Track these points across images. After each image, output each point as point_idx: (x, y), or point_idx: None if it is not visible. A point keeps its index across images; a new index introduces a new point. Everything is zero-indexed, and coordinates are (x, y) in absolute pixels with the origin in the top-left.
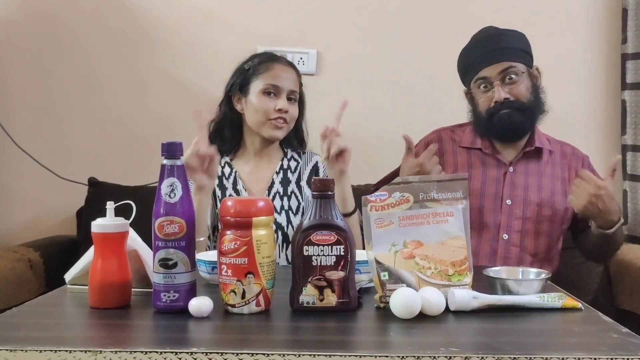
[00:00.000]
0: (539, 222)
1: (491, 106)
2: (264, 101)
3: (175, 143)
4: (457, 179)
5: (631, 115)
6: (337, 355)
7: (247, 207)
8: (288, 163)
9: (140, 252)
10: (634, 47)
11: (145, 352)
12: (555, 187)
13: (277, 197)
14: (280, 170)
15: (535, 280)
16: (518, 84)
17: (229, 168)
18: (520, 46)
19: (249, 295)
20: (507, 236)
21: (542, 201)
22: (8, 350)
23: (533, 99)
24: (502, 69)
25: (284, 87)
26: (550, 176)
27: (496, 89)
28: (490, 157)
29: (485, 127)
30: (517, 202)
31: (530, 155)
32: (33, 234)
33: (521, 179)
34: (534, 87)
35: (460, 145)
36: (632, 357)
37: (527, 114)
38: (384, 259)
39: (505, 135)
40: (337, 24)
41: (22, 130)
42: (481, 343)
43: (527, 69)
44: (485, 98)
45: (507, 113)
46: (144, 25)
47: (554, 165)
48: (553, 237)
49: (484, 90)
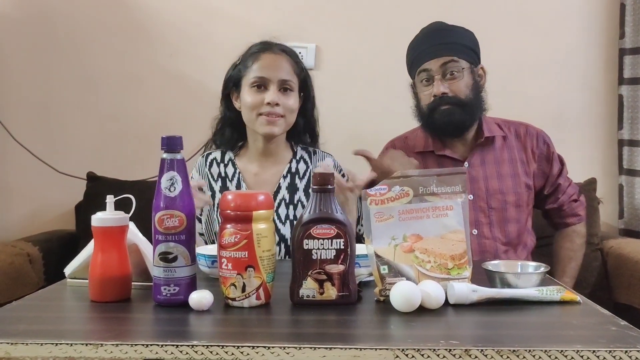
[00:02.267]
0: (505, 210)
1: (431, 100)
2: (253, 95)
3: (175, 137)
4: (456, 172)
5: (628, 110)
6: (337, 348)
7: (247, 201)
8: (297, 166)
9: (141, 246)
10: (631, 42)
11: (146, 345)
12: (515, 170)
13: (282, 205)
14: (288, 174)
15: (534, 274)
16: (458, 79)
17: (232, 167)
18: (465, 43)
19: (249, 288)
20: (476, 231)
21: (504, 188)
22: (9, 343)
23: (472, 96)
24: (443, 62)
25: (272, 78)
26: (508, 161)
27: (436, 82)
28: (444, 158)
29: (427, 122)
30: (479, 195)
31: (483, 145)
32: (32, 228)
33: (479, 172)
34: (475, 85)
35: (414, 150)
36: (631, 350)
37: (466, 110)
38: (383, 252)
39: (446, 131)
40: (336, 18)
41: (21, 125)
42: (481, 336)
43: (470, 66)
44: (427, 93)
45: (447, 110)
46: (142, 20)
47: (510, 149)
48: (521, 221)
49: (425, 84)
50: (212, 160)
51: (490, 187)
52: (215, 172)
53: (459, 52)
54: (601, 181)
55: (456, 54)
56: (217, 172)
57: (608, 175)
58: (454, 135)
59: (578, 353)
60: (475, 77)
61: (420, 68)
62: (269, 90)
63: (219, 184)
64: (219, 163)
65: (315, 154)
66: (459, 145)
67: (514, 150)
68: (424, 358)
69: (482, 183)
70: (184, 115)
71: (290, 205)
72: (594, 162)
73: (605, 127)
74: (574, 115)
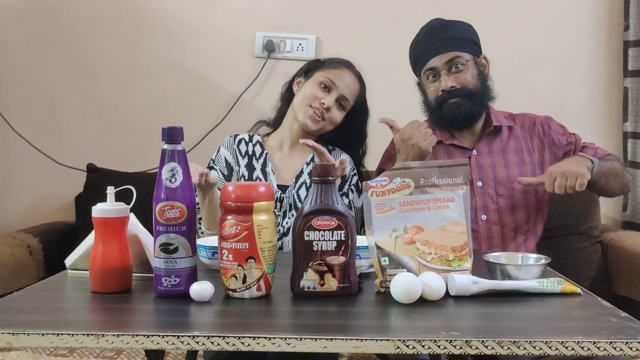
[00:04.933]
0: (513, 197)
1: (439, 95)
2: (315, 89)
3: (176, 128)
4: (457, 164)
5: (633, 103)
6: (338, 339)
7: (248, 192)
8: None
9: (141, 237)
10: (636, 35)
11: (147, 335)
12: (521, 159)
13: (302, 188)
14: (312, 162)
15: (534, 266)
16: (464, 72)
17: (260, 148)
18: (466, 36)
19: (249, 280)
20: (485, 217)
21: (511, 176)
22: (10, 333)
23: (480, 85)
24: (448, 59)
25: (338, 88)
26: (514, 151)
27: (443, 77)
28: (452, 147)
29: (436, 116)
30: (487, 182)
31: (490, 135)
32: (32, 220)
33: (487, 159)
34: (480, 75)
35: None
36: (631, 341)
37: (474, 100)
38: (384, 244)
39: (456, 123)
40: (336, 10)
41: (21, 117)
42: (481, 327)
43: (473, 57)
44: (434, 88)
45: (456, 102)
46: (143, 12)
47: (516, 138)
48: (530, 207)
49: (432, 80)
50: (241, 139)
51: (498, 175)
52: (243, 149)
53: (461, 46)
54: None
55: (459, 49)
56: (244, 149)
57: None
58: (464, 126)
59: (579, 344)
60: (479, 67)
61: (425, 67)
62: (329, 95)
63: (245, 160)
64: (247, 142)
65: (334, 150)
66: (467, 135)
67: (520, 139)
68: (425, 349)
69: (490, 171)
70: (185, 106)
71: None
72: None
73: (610, 120)
74: (576, 108)
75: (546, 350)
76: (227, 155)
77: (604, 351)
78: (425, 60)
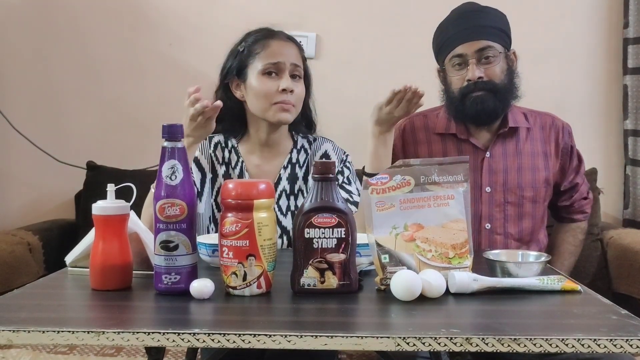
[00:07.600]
0: (521, 206)
1: (464, 85)
2: (265, 83)
3: (176, 125)
4: (458, 162)
5: (632, 100)
6: (338, 337)
7: (248, 190)
8: (297, 156)
9: (141, 234)
10: (635, 32)
11: (148, 332)
12: (535, 163)
13: (283, 196)
14: (289, 164)
15: (535, 263)
16: (494, 64)
17: (235, 155)
18: (500, 26)
19: (250, 277)
20: (489, 225)
21: (523, 183)
22: (11, 331)
23: (507, 81)
24: (479, 47)
25: (285, 64)
26: (529, 154)
27: (471, 66)
28: (466, 143)
29: (456, 108)
30: (496, 188)
31: (506, 135)
32: (32, 217)
33: (499, 163)
34: (509, 70)
35: (434, 132)
36: (632, 338)
37: (499, 96)
38: (384, 241)
39: (477, 119)
40: (336, 7)
41: (20, 114)
42: (482, 324)
43: (504, 50)
44: (459, 77)
45: (480, 96)
46: (142, 8)
47: (533, 141)
48: (536, 217)
49: (458, 69)
50: (217, 143)
51: (509, 180)
52: (220, 155)
53: (494, 35)
54: (604, 171)
55: (491, 39)
56: (221, 155)
57: (610, 166)
58: (485, 123)
59: (579, 341)
60: (509, 61)
61: (453, 53)
62: (282, 78)
63: (223, 168)
64: (223, 147)
65: (315, 141)
66: (483, 132)
67: (537, 142)
68: (425, 346)
69: (501, 176)
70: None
71: (291, 196)
72: (596, 152)
73: (610, 117)
74: (575, 105)
75: (546, 348)
76: (201, 158)
77: (604, 348)
78: (453, 45)
